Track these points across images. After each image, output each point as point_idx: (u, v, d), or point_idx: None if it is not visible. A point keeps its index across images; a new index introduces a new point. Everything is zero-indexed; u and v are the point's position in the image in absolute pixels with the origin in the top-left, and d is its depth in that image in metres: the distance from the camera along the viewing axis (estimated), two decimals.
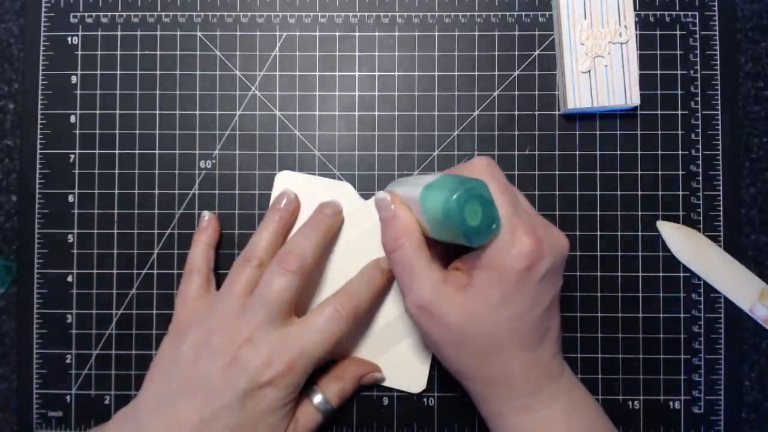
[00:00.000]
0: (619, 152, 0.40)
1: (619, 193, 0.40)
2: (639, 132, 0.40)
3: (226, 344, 0.33)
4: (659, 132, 0.40)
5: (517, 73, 0.41)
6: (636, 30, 0.40)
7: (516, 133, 0.40)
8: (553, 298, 0.31)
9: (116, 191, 0.40)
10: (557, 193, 0.40)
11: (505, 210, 0.29)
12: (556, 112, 0.41)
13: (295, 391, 0.34)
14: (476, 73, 0.41)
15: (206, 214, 0.39)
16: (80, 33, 0.41)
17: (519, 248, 0.29)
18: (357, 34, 0.41)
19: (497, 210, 0.29)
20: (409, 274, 0.31)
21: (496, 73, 0.41)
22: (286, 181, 0.40)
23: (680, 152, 0.40)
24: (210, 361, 0.32)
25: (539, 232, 0.29)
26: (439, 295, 0.30)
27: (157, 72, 0.41)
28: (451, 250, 0.33)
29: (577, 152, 0.40)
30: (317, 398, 0.36)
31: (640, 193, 0.40)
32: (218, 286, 0.38)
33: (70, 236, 0.40)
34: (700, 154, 0.40)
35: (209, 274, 0.38)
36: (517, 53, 0.41)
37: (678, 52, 0.41)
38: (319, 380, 0.37)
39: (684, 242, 0.39)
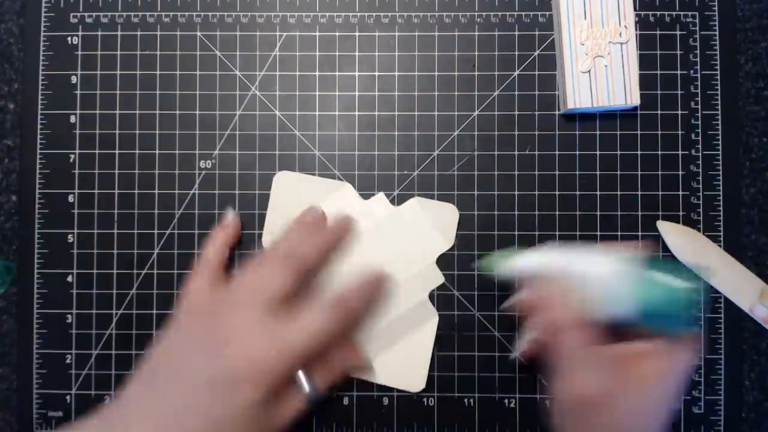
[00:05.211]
0: (619, 152, 0.40)
1: (619, 193, 0.40)
2: (639, 132, 0.40)
3: (213, 338, 0.33)
4: (659, 132, 0.40)
5: (517, 73, 0.41)
6: (636, 30, 0.40)
7: (516, 133, 0.40)
8: None
9: (116, 191, 0.40)
10: (557, 193, 0.40)
11: None
12: (556, 112, 0.41)
13: (278, 388, 0.33)
14: (476, 73, 0.41)
15: (230, 214, 0.39)
16: (80, 33, 0.41)
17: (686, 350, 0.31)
18: (357, 34, 0.41)
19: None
20: (571, 362, 0.31)
21: (496, 73, 0.41)
22: (284, 182, 0.40)
23: (680, 152, 0.40)
24: (195, 353, 0.33)
25: None
26: (602, 390, 0.30)
27: (157, 72, 0.41)
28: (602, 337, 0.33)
29: (577, 152, 0.40)
30: (303, 385, 0.34)
31: (640, 193, 0.40)
32: None
33: (70, 236, 0.40)
34: (700, 154, 0.40)
35: (219, 271, 0.37)
36: (517, 53, 0.41)
37: (678, 52, 0.41)
38: (305, 366, 0.35)
39: (684, 242, 0.39)
